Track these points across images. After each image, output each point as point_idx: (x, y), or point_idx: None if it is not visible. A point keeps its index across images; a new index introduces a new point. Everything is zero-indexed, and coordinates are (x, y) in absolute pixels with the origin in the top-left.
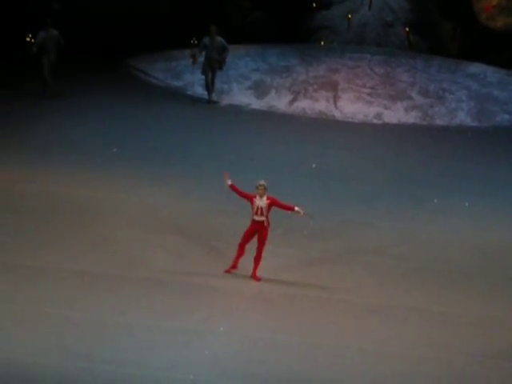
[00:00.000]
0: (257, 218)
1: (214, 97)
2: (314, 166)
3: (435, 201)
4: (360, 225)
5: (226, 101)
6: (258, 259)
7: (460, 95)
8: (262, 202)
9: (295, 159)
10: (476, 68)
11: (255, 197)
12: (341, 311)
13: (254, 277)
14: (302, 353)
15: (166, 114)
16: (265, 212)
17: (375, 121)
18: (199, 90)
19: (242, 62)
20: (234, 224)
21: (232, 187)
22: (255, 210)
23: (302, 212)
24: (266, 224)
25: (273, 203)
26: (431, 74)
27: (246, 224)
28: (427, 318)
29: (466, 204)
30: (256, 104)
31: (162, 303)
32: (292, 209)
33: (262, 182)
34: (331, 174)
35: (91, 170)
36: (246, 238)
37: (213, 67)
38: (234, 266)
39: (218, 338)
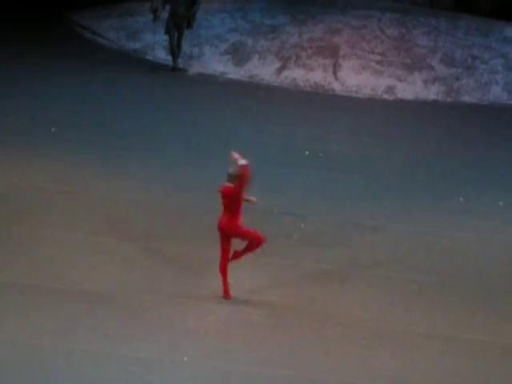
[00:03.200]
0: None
1: (181, 63)
2: (307, 153)
3: (461, 199)
4: (365, 228)
5: (195, 68)
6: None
7: (494, 65)
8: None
9: (284, 144)
10: None
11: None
12: (339, 338)
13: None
14: None
15: (120, 84)
16: None
17: (386, 96)
18: (162, 54)
19: (216, 18)
20: (207, 226)
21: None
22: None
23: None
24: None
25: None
26: (457, 37)
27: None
28: (451, 348)
29: (501, 204)
30: (234, 73)
31: (110, 324)
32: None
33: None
34: (329, 164)
35: (23, 155)
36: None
37: (179, 25)
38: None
39: (180, 370)
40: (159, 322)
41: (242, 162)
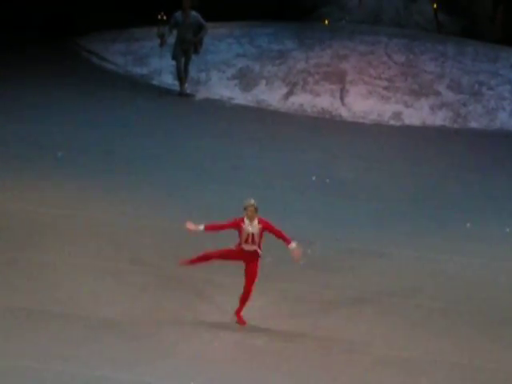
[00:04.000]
0: (247, 247)
1: (188, 88)
2: (313, 178)
3: (467, 225)
4: (371, 254)
5: (202, 93)
6: (245, 298)
7: (501, 91)
8: (252, 226)
9: (290, 170)
10: None
11: (242, 221)
12: (345, 364)
13: (238, 319)
14: None
15: (126, 109)
16: (257, 239)
17: (392, 122)
18: (168, 80)
19: (223, 44)
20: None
21: (208, 228)
22: (244, 237)
23: (298, 255)
24: (257, 255)
25: (266, 228)
26: (465, 63)
27: None
28: (455, 374)
29: (507, 230)
30: (241, 98)
31: (114, 350)
32: (289, 241)
33: (251, 202)
34: (336, 190)
35: (28, 179)
36: (220, 254)
37: (186, 50)
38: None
39: None
40: (164, 348)
41: (200, 227)
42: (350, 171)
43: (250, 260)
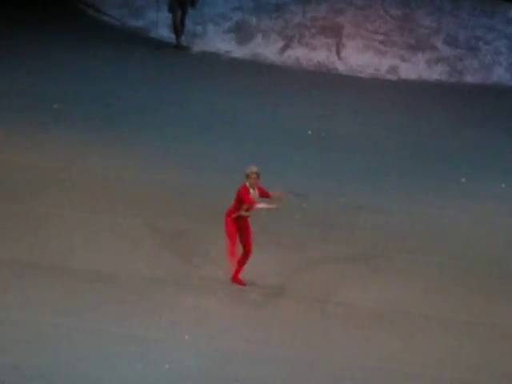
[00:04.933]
0: (246, 214)
1: (184, 41)
2: (309, 132)
3: (463, 180)
4: (367, 209)
5: (198, 46)
6: (245, 260)
7: (498, 46)
8: (255, 194)
9: (286, 124)
10: None
11: (248, 191)
12: (339, 318)
13: (236, 280)
14: (290, 371)
15: (123, 61)
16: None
17: (389, 76)
18: (165, 32)
19: None
20: (208, 205)
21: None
22: (247, 206)
23: (280, 194)
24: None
25: (261, 193)
26: (461, 17)
27: (221, 204)
28: (451, 330)
29: (503, 185)
30: (237, 51)
31: (111, 303)
32: (268, 195)
33: (254, 169)
34: (332, 144)
35: (25, 132)
36: (235, 237)
37: (183, 3)
38: (238, 277)
39: (182, 348)
40: (160, 301)
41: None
42: (346, 125)
43: (244, 223)
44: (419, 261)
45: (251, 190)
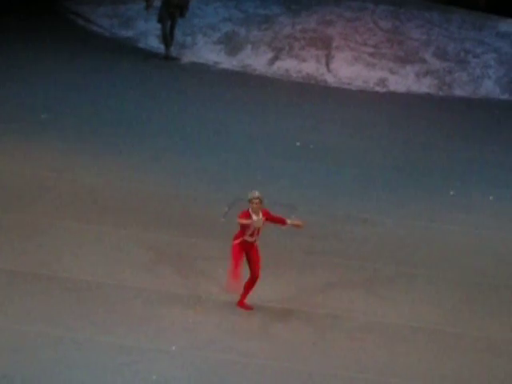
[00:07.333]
0: (250, 239)
1: (173, 52)
2: (298, 144)
3: (451, 193)
4: (355, 221)
5: (188, 57)
6: (252, 284)
7: (487, 59)
8: (259, 220)
9: (275, 135)
10: (509, 26)
11: (250, 216)
12: (327, 330)
13: (242, 305)
14: (277, 382)
15: (112, 71)
16: (260, 231)
17: (378, 88)
18: (154, 43)
19: (209, 8)
20: (196, 216)
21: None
22: (251, 231)
23: (299, 223)
24: (256, 242)
25: (268, 218)
26: (451, 30)
27: (209, 216)
28: (439, 341)
29: (491, 198)
30: (226, 63)
31: (98, 312)
32: (284, 222)
33: (256, 194)
34: (320, 156)
35: (13, 141)
36: (239, 260)
37: (172, 14)
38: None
39: (169, 359)
40: (147, 311)
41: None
42: (335, 137)
43: (251, 248)
44: (406, 272)
45: (254, 216)
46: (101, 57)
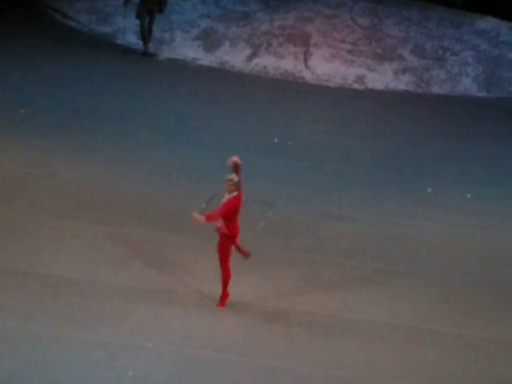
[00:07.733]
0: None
1: (151, 48)
2: (276, 141)
3: (429, 190)
4: (332, 218)
5: (166, 53)
6: (223, 280)
7: (465, 57)
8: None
9: (253, 132)
10: (487, 23)
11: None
12: (304, 326)
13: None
14: (253, 378)
15: (89, 68)
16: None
17: (356, 85)
18: (132, 39)
19: (188, 4)
20: (174, 212)
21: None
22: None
23: (200, 218)
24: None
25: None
26: (429, 28)
27: (186, 212)
28: (415, 339)
29: (468, 195)
30: (205, 59)
31: (75, 309)
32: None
33: (229, 176)
34: (298, 152)
35: None
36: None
37: (151, 10)
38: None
39: (145, 355)
40: (124, 307)
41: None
42: (313, 134)
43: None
44: (383, 270)
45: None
46: (79, 53)
